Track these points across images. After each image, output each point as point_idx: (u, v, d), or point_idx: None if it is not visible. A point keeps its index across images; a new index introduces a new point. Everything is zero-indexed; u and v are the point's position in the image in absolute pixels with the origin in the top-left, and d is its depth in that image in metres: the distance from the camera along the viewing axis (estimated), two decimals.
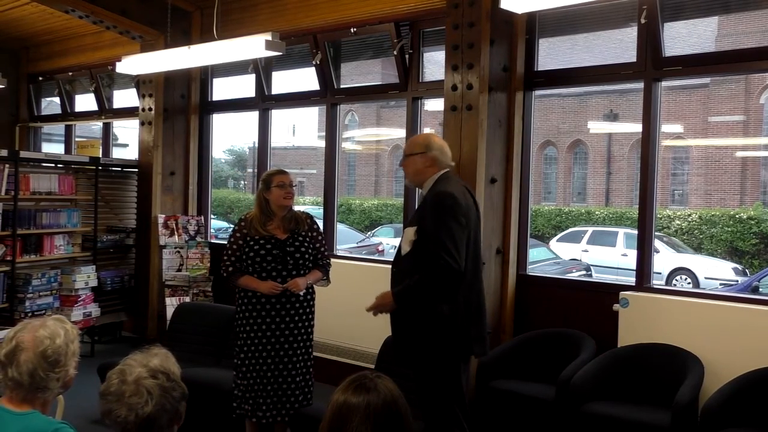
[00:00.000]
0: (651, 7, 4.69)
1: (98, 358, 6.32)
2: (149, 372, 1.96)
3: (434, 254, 3.29)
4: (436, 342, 3.37)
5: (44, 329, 2.18)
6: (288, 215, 4.19)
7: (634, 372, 4.41)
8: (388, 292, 3.49)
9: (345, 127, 23.24)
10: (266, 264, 4.08)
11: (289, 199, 4.16)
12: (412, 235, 3.41)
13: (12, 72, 9.21)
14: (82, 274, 6.70)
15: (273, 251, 4.09)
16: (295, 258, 4.11)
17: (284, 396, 4.10)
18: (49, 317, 2.28)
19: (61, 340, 2.19)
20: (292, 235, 4.14)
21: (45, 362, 2.14)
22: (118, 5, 6.80)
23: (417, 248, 3.39)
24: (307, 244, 4.17)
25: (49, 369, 2.15)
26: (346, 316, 5.85)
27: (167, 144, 7.35)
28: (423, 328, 3.39)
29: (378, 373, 1.93)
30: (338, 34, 6.36)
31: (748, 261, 15.25)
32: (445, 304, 3.36)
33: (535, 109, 5.40)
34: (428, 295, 3.35)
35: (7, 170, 6.19)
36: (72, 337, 2.24)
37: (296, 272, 4.11)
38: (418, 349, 3.42)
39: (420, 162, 3.53)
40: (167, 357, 2.06)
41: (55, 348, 2.16)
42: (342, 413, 1.83)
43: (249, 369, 4.11)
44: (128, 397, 1.92)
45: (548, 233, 17.74)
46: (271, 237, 4.11)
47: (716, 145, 18.41)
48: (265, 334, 4.08)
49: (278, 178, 4.17)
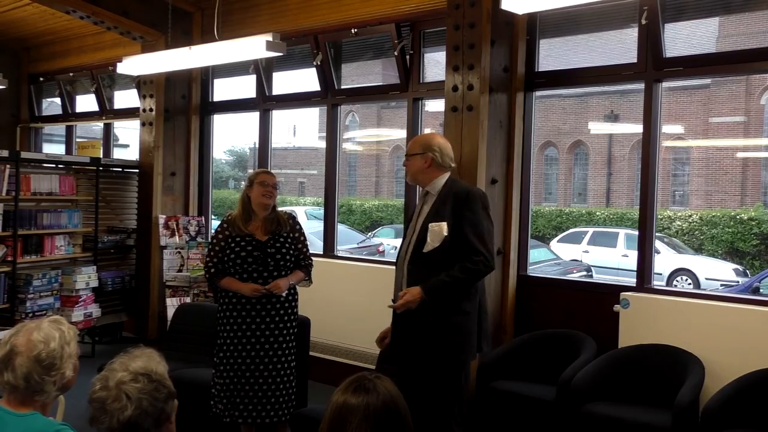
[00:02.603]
0: (652, 7, 4.69)
1: (99, 359, 6.33)
2: (130, 376, 1.95)
3: (476, 251, 3.35)
4: (451, 340, 3.39)
5: (38, 332, 2.15)
6: (270, 216, 4.19)
7: (634, 373, 4.41)
8: (416, 288, 3.40)
9: (346, 127, 23.22)
10: (247, 265, 4.08)
11: (268, 198, 4.16)
12: (445, 231, 3.41)
13: (13, 72, 9.22)
14: (83, 275, 6.70)
15: (253, 253, 4.09)
16: (275, 259, 4.11)
17: (264, 398, 4.09)
18: (45, 319, 2.25)
19: (55, 344, 2.15)
20: (273, 236, 4.14)
21: (39, 366, 2.12)
22: (119, 6, 6.80)
23: (449, 245, 3.40)
24: (288, 245, 4.16)
25: (44, 373, 2.12)
26: (346, 316, 5.85)
27: (168, 145, 7.35)
28: (442, 326, 3.39)
29: (377, 374, 1.93)
30: (339, 34, 6.36)
31: (749, 262, 15.24)
32: (467, 302, 3.40)
33: (535, 110, 5.39)
34: (462, 291, 3.39)
35: (8, 171, 6.19)
36: (68, 338, 2.20)
37: (277, 273, 4.11)
38: (429, 348, 3.41)
39: (420, 162, 3.57)
40: (150, 357, 2.03)
41: (49, 352, 2.13)
42: (341, 414, 1.83)
43: (227, 369, 4.10)
44: (109, 403, 1.92)
45: (549, 234, 17.74)
46: (252, 239, 4.11)
47: (717, 146, 18.39)
48: (246, 335, 4.08)
49: (261, 176, 4.22)
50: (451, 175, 3.61)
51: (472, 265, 3.34)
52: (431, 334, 3.41)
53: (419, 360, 3.44)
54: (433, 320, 3.39)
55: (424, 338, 3.43)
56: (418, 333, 3.45)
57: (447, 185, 3.53)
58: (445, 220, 3.42)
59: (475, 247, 3.35)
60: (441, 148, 3.57)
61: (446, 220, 3.42)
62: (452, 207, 3.45)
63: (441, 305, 3.38)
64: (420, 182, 3.63)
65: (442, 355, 3.39)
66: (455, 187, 3.52)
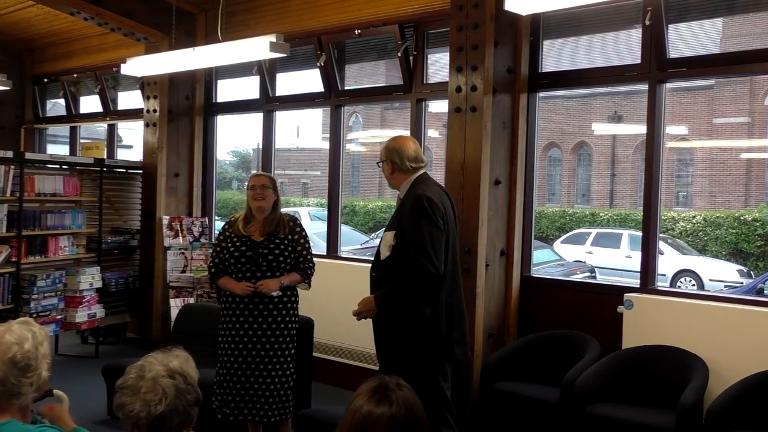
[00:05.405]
0: (655, 8, 4.69)
1: (102, 359, 6.34)
2: (167, 372, 1.97)
3: (413, 259, 3.32)
4: (419, 344, 3.41)
5: (10, 334, 2.11)
6: (270, 217, 4.19)
7: (638, 374, 4.40)
8: (370, 297, 3.52)
9: (349, 128, 23.25)
10: (240, 265, 4.13)
11: (258, 200, 4.17)
12: (391, 240, 3.45)
13: (17, 74, 9.24)
14: (87, 275, 6.72)
15: (247, 253, 4.12)
16: (268, 260, 4.12)
17: (254, 397, 4.11)
18: (13, 321, 2.20)
19: (29, 344, 2.12)
20: (269, 237, 4.15)
21: (15, 368, 2.08)
22: (122, 7, 6.82)
23: (396, 253, 3.42)
24: (283, 247, 4.15)
25: (21, 375, 2.09)
26: (349, 317, 5.84)
27: (172, 145, 7.37)
28: (406, 331, 3.42)
29: (398, 379, 1.93)
30: (342, 35, 6.36)
31: (753, 263, 15.20)
32: (427, 307, 3.39)
33: (539, 111, 5.39)
34: (410, 300, 3.38)
35: (13, 171, 6.20)
36: (40, 339, 2.17)
37: (270, 274, 4.13)
38: (401, 352, 3.44)
39: (386, 169, 3.62)
40: (187, 360, 2.07)
41: (24, 353, 2.10)
42: (365, 425, 1.83)
43: (223, 366, 4.19)
44: (143, 393, 1.93)
45: (552, 235, 17.71)
46: (247, 239, 4.15)
47: (721, 147, 18.36)
48: (239, 333, 4.14)
49: (251, 180, 4.28)
50: (421, 175, 3.55)
51: (412, 272, 3.34)
52: (394, 340, 3.47)
53: (392, 365, 3.46)
54: (394, 326, 3.46)
55: (391, 344, 3.50)
56: (386, 339, 3.53)
57: (410, 191, 3.51)
58: (394, 229, 3.46)
59: (411, 254, 3.34)
60: (399, 152, 3.56)
61: (395, 229, 3.45)
62: (400, 215, 3.48)
63: (397, 312, 3.43)
64: (394, 188, 3.68)
65: (408, 360, 3.41)
66: (411, 193, 3.48)
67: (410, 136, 4.55)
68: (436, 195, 3.45)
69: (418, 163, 3.57)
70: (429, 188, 3.48)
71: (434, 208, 3.38)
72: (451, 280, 3.47)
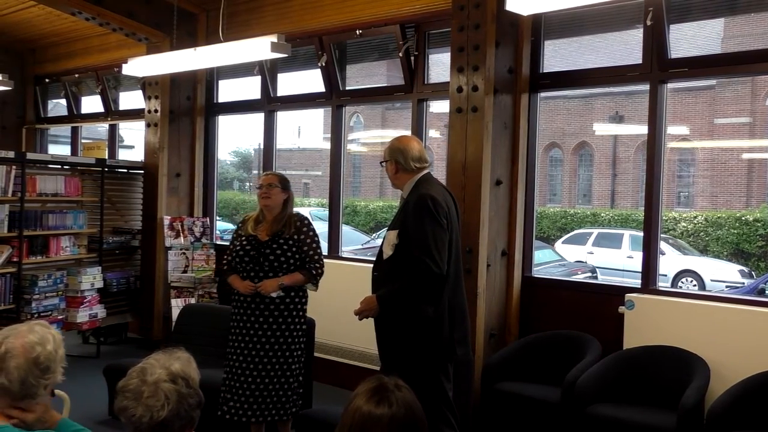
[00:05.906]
0: (657, 8, 4.69)
1: (104, 360, 6.34)
2: (169, 376, 1.96)
3: (417, 258, 3.32)
4: (421, 344, 3.40)
5: (33, 334, 2.12)
6: (279, 217, 4.20)
7: (639, 374, 4.40)
8: (372, 296, 3.51)
9: (350, 128, 23.25)
10: (245, 264, 4.16)
11: (264, 198, 4.19)
12: (394, 239, 3.44)
13: (18, 74, 9.25)
14: (88, 276, 6.72)
15: (251, 252, 4.15)
16: (269, 260, 4.12)
17: (252, 396, 4.12)
18: (34, 322, 2.21)
19: (51, 346, 2.12)
20: (273, 237, 4.14)
21: (37, 369, 2.08)
22: (124, 7, 6.82)
23: (399, 252, 3.42)
24: (287, 247, 4.15)
25: (40, 375, 2.09)
26: (351, 317, 5.84)
27: (173, 146, 7.37)
28: (408, 331, 3.41)
29: (396, 380, 1.93)
30: (344, 35, 6.37)
31: (755, 263, 15.19)
32: (430, 307, 3.38)
33: (540, 111, 5.39)
34: (412, 299, 3.38)
35: (14, 172, 6.20)
36: (59, 342, 2.18)
37: (273, 274, 4.13)
38: (403, 352, 3.43)
39: (390, 169, 3.62)
40: (189, 362, 2.05)
41: (47, 354, 2.10)
42: (365, 425, 1.83)
43: (228, 364, 4.22)
44: (146, 398, 1.92)
45: (553, 235, 17.71)
46: (253, 238, 4.17)
47: (722, 147, 18.35)
48: (241, 332, 4.17)
49: (259, 179, 4.34)
50: (425, 175, 3.56)
51: (416, 271, 3.33)
52: (396, 340, 3.47)
53: (394, 365, 3.46)
54: (395, 326, 3.46)
55: (393, 344, 3.50)
56: (388, 339, 3.52)
57: (413, 190, 3.51)
58: (398, 228, 3.45)
59: (414, 254, 3.34)
60: (404, 152, 3.56)
61: (398, 228, 3.45)
62: (403, 215, 3.48)
63: (399, 311, 3.42)
64: (397, 188, 3.67)
65: (410, 360, 3.41)
66: (414, 193, 3.48)
67: (414, 136, 4.55)
68: (439, 195, 3.45)
69: (422, 163, 3.58)
70: (433, 188, 3.48)
71: (438, 208, 3.37)
72: (453, 279, 3.47)
